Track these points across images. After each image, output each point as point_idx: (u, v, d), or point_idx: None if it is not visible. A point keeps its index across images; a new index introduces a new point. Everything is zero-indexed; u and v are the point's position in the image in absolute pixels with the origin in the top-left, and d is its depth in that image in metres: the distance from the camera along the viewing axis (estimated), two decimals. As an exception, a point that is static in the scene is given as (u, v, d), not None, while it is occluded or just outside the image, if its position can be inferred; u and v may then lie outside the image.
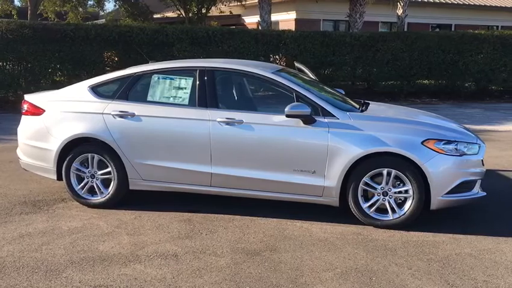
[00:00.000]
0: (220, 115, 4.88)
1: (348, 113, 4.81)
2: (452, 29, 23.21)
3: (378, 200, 4.67)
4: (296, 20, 20.37)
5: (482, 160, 4.77)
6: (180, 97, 5.08)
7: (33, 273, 3.76)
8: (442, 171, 4.52)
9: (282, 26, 18.86)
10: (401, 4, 18.54)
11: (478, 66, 15.63)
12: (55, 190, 5.83)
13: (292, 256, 4.07)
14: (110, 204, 5.19)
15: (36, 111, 5.36)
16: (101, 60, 13.25)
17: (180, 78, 5.12)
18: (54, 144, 5.20)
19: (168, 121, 5.02)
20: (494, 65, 15.82)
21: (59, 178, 5.32)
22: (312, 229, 4.66)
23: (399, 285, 3.58)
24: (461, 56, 15.53)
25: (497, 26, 24.41)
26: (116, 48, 13.08)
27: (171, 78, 5.14)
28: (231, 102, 5.19)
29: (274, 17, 18.40)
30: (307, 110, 4.64)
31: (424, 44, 15.18)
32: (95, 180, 5.22)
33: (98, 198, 5.23)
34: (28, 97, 5.57)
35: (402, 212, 4.61)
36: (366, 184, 4.66)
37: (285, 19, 20.35)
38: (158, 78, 5.17)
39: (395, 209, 4.63)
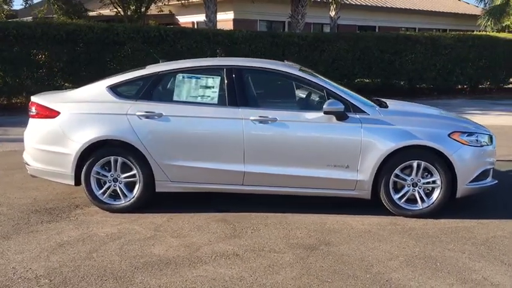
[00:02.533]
0: (253, 113, 4.90)
1: (377, 108, 5.04)
2: (376, 30, 24.49)
3: (408, 191, 4.93)
4: (234, 20, 20.49)
5: (495, 150, 5.20)
6: (209, 96, 5.03)
7: (104, 281, 3.60)
8: (467, 162, 4.87)
9: (219, 26, 18.85)
10: (334, 6, 19.34)
11: (412, 66, 16.68)
12: (61, 196, 5.54)
13: (350, 248, 4.21)
14: (133, 208, 5.03)
15: (50, 113, 5.06)
16: (48, 61, 12.51)
17: (206, 77, 5.07)
18: (73, 148, 4.94)
19: (198, 120, 4.96)
20: (426, 64, 16.97)
21: (77, 183, 5.06)
22: (349, 222, 4.83)
23: (465, 268, 3.84)
24: (398, 55, 16.49)
25: (415, 28, 26.10)
26: (64, 47, 12.39)
27: (197, 77, 5.07)
28: (261, 101, 5.22)
29: (218, 16, 18.44)
30: (341, 107, 4.80)
31: (364, 44, 15.94)
32: (117, 184, 5.03)
33: (122, 203, 5.04)
34: (37, 99, 5.24)
35: (431, 202, 4.91)
36: (397, 176, 4.91)
37: (223, 19, 20.36)
38: (183, 77, 5.09)
39: (425, 198, 4.92)
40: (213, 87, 5.04)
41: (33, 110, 5.19)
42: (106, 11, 18.57)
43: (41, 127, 5.11)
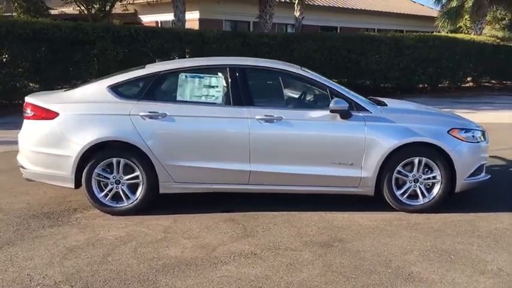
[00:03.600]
0: (258, 113, 4.90)
1: (378, 106, 5.14)
2: (338, 30, 24.94)
3: (410, 187, 5.06)
4: (200, 20, 20.36)
5: (488, 146, 5.41)
6: (213, 96, 5.00)
7: (128, 285, 3.53)
8: (465, 157, 5.05)
9: (185, 26, 18.75)
10: (299, 7, 19.55)
11: (377, 66, 17.07)
12: (56, 200, 5.37)
13: (363, 244, 4.29)
14: (136, 211, 4.93)
15: (47, 114, 4.88)
16: (13, 60, 12.03)
17: (209, 77, 5.03)
18: (73, 150, 4.80)
19: (203, 120, 4.91)
20: (390, 64, 17.41)
21: (77, 186, 4.92)
22: (355, 219, 4.91)
23: (478, 260, 3.98)
24: (364, 56, 16.84)
25: (374, 29, 26.71)
26: (31, 46, 11.96)
27: (200, 77, 5.02)
28: (265, 100, 5.22)
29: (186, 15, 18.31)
30: (346, 105, 4.87)
31: (332, 44, 16.19)
32: (120, 186, 4.92)
33: (125, 205, 4.93)
34: (32, 99, 5.05)
35: (432, 197, 5.06)
36: (399, 172, 5.02)
37: (189, 19, 20.11)
38: (186, 76, 5.02)
39: (425, 194, 5.06)
40: (217, 86, 5.01)
41: (29, 111, 5.00)
42: (69, 10, 18.06)
43: (38, 129, 4.92)
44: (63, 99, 5.03)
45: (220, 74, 5.05)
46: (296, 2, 19.19)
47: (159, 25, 21.21)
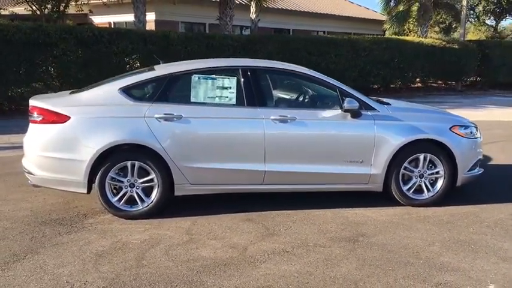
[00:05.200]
0: (272, 113, 4.98)
1: (385, 106, 5.34)
2: (290, 33, 25.34)
3: (415, 182, 5.29)
4: (156, 22, 20.08)
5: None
6: (226, 97, 5.01)
7: (175, 286, 3.50)
8: (466, 152, 5.33)
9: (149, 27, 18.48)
10: (255, 9, 19.74)
11: (336, 67, 17.51)
12: (61, 207, 5.22)
13: (386, 238, 4.45)
14: (151, 214, 4.87)
15: (58, 118, 4.73)
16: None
17: (222, 78, 5.04)
18: (87, 154, 4.68)
19: (219, 122, 4.93)
20: (348, 65, 17.92)
21: (89, 191, 4.81)
22: (368, 214, 5.08)
23: (497, 249, 4.23)
24: (323, 57, 17.23)
25: (324, 32, 27.35)
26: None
27: (213, 78, 5.03)
28: (277, 100, 5.29)
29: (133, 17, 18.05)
30: (357, 105, 5.04)
31: (294, 46, 16.46)
32: (134, 189, 4.84)
33: (139, 209, 4.86)
34: (39, 103, 4.86)
35: (435, 191, 5.31)
36: (405, 169, 5.24)
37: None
38: (199, 78, 5.01)
39: (430, 188, 5.31)
40: (230, 87, 5.03)
41: (36, 115, 4.82)
42: (20, 10, 17.29)
43: (48, 133, 4.76)
44: (73, 102, 4.89)
45: (233, 75, 5.07)
46: (253, 3, 19.33)
47: (113, 26, 20.75)
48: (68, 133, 4.72)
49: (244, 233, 4.55)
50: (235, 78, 5.05)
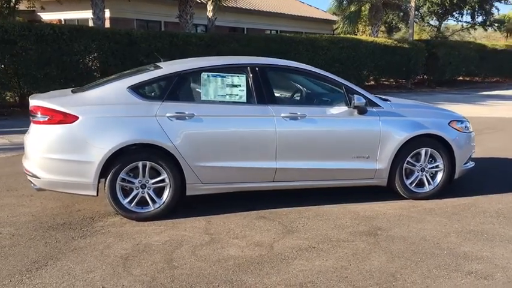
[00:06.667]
0: (283, 110, 4.99)
1: (388, 102, 5.47)
2: (245, 32, 25.40)
3: (417, 176, 5.46)
4: (110, 19, 19.56)
5: (473, 135, 6.00)
6: (237, 95, 4.97)
7: (216, 286, 3.45)
8: (463, 146, 5.56)
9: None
10: (211, 8, 19.64)
11: (296, 65, 17.71)
12: (63, 210, 5.02)
13: (402, 231, 4.56)
14: (162, 215, 4.77)
15: (65, 118, 4.53)
16: None
17: (232, 76, 4.99)
18: (97, 155, 4.52)
19: (231, 120, 4.89)
20: (307, 64, 18.12)
21: (98, 193, 4.64)
22: (376, 209, 5.18)
23: (509, 237, 4.43)
24: (284, 56, 17.32)
25: (277, 31, 27.59)
26: None
27: (223, 76, 4.97)
28: (286, 98, 5.30)
29: (87, 14, 17.53)
30: (364, 101, 5.14)
31: (255, 45, 16.50)
32: (146, 190, 4.72)
33: (151, 210, 4.74)
34: (43, 102, 4.63)
35: (436, 184, 5.50)
36: (408, 163, 5.40)
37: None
38: (208, 76, 4.94)
39: (430, 181, 5.49)
40: (240, 85, 4.99)
41: (39, 115, 4.59)
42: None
43: (54, 134, 4.55)
44: (81, 102, 4.69)
45: (242, 73, 5.03)
46: (210, 2, 19.21)
47: (64, 24, 20.03)
48: (76, 133, 4.53)
49: (263, 230, 4.54)
50: (245, 76, 5.02)
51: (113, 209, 4.74)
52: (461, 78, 27.88)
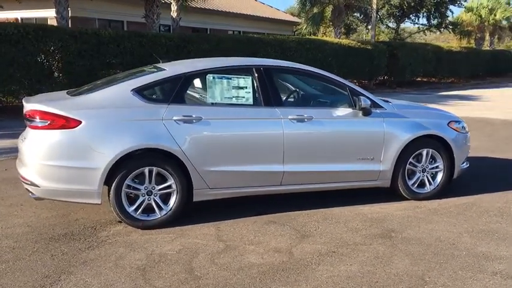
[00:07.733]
0: (290, 112, 4.89)
1: (390, 103, 5.47)
2: (208, 32, 25.17)
3: (419, 177, 5.48)
4: (71, 18, 18.87)
5: (468, 136, 6.08)
6: (243, 97, 4.84)
7: (251, 299, 3.32)
8: (461, 146, 5.62)
9: (55, 23, 17.33)
10: (175, 8, 19.34)
11: (265, 66, 17.68)
12: (60, 220, 4.76)
13: (415, 232, 4.55)
14: (169, 222, 4.58)
15: (67, 123, 4.27)
16: None
17: (237, 78, 4.86)
18: (102, 161, 4.29)
19: (239, 122, 4.75)
20: (276, 65, 18.14)
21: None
22: (382, 210, 5.16)
23: (518, 235, 4.53)
24: (253, 56, 17.27)
25: (240, 31, 27.51)
26: None
27: (228, 78, 4.83)
28: (292, 100, 5.19)
29: (48, 12, 16.95)
30: (369, 103, 5.12)
31: (225, 45, 16.34)
32: (152, 196, 4.52)
33: (157, 217, 4.55)
34: (41, 106, 4.35)
35: (436, 184, 5.54)
36: (410, 164, 5.41)
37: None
38: (214, 78, 4.78)
39: (431, 182, 5.53)
40: (246, 87, 4.86)
41: (38, 119, 4.31)
42: None
43: (55, 139, 4.28)
44: (83, 105, 4.43)
45: (247, 75, 4.90)
46: (174, 2, 18.89)
47: (20, 23, 19.20)
48: (79, 139, 4.28)
49: (276, 236, 4.43)
50: (250, 77, 4.90)
51: (117, 217, 4.52)
52: (419, 79, 28.62)
